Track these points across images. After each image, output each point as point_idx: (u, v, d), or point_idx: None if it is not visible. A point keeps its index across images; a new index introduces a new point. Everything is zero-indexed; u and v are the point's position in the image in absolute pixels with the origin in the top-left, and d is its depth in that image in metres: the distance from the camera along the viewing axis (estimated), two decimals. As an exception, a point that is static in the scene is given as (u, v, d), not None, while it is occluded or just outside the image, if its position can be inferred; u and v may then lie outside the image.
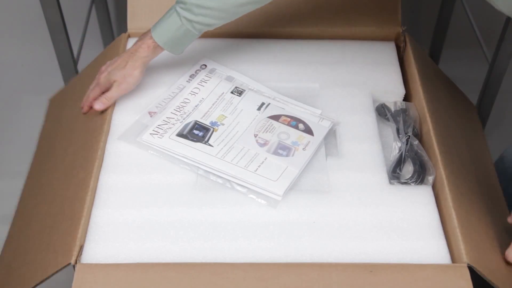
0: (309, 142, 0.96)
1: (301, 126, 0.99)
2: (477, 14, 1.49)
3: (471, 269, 0.80)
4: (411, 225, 0.87)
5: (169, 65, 1.10)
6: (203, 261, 0.82)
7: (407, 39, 1.14)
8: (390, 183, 0.93)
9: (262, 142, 0.96)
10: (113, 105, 1.02)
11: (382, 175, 0.93)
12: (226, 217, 0.87)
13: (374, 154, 0.96)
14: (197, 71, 1.09)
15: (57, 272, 0.79)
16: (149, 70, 1.09)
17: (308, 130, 0.98)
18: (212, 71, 1.10)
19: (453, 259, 0.84)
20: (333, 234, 0.86)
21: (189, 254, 0.83)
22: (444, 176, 0.90)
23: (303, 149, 0.95)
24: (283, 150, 0.94)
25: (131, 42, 1.14)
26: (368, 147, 0.97)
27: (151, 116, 1.00)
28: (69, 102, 1.11)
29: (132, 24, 1.15)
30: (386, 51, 1.16)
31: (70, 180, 0.90)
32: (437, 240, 0.86)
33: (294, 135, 0.97)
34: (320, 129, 0.99)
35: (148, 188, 0.91)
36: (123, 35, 1.14)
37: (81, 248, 0.83)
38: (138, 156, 0.95)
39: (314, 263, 0.82)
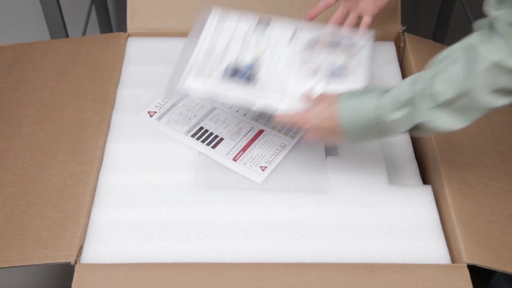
0: (357, 52, 0.93)
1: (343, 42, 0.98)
2: (477, 14, 1.49)
3: (471, 269, 0.80)
4: (411, 225, 0.87)
5: (169, 65, 1.10)
6: (203, 261, 0.82)
7: (407, 39, 1.14)
8: (390, 183, 0.93)
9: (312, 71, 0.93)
10: (113, 105, 1.02)
11: (382, 175, 0.93)
12: (226, 217, 0.87)
13: (374, 154, 0.96)
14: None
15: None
16: (149, 70, 1.09)
17: (351, 45, 0.97)
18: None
19: (453, 259, 0.84)
20: (333, 234, 0.86)
21: (189, 254, 0.83)
22: (444, 176, 0.90)
23: (357, 62, 0.92)
24: (339, 70, 0.92)
25: (130, 42, 1.14)
26: (368, 147, 0.97)
27: (151, 116, 1.01)
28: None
29: (132, 24, 1.15)
30: (386, 51, 1.16)
31: (69, 180, 0.90)
32: (437, 240, 0.86)
33: (340, 53, 0.96)
34: (362, 38, 0.99)
35: (148, 188, 0.91)
36: (123, 35, 1.14)
37: (80, 248, 0.83)
38: (138, 156, 0.95)
39: (314, 263, 0.82)
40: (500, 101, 0.74)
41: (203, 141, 0.97)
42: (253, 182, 0.92)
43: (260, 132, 0.99)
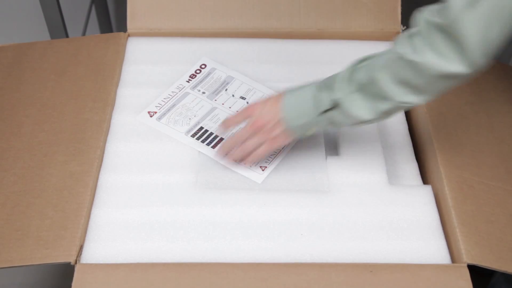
0: None
1: None
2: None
3: (471, 270, 0.80)
4: (411, 225, 0.87)
5: (169, 65, 1.10)
6: (203, 261, 0.82)
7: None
8: (390, 183, 0.93)
9: None
10: (113, 104, 1.02)
11: (382, 175, 0.93)
12: (226, 217, 0.87)
13: (374, 154, 0.96)
14: (197, 71, 1.09)
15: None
16: (149, 70, 1.09)
17: None
18: (212, 70, 1.09)
19: (453, 259, 0.84)
20: (333, 234, 0.86)
21: (189, 254, 0.83)
22: (444, 176, 0.90)
23: None
24: None
25: (131, 42, 1.14)
26: (368, 147, 0.97)
27: (150, 116, 1.00)
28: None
29: (132, 24, 1.15)
30: (386, 51, 1.16)
31: (69, 180, 0.90)
32: (437, 240, 0.86)
33: None
34: None
35: (148, 188, 0.91)
36: (123, 35, 1.14)
37: (80, 248, 0.83)
38: (138, 156, 0.95)
39: (314, 263, 0.82)
40: (407, 97, 0.77)
41: (203, 141, 0.97)
42: (253, 182, 0.92)
43: None
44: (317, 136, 0.99)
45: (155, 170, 0.93)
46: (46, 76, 1.07)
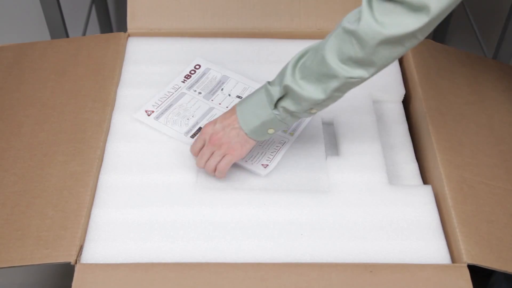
0: None
1: None
2: (477, 14, 1.49)
3: (471, 270, 0.80)
4: (411, 225, 0.87)
5: (169, 65, 1.10)
6: (203, 261, 0.82)
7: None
8: (390, 183, 0.93)
9: None
10: (113, 104, 1.02)
11: (382, 175, 0.93)
12: (226, 217, 0.87)
13: (374, 154, 0.96)
14: (191, 72, 1.09)
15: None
16: (149, 70, 1.09)
17: None
18: (206, 70, 1.09)
19: (453, 259, 0.84)
20: (333, 234, 0.86)
21: (189, 254, 0.83)
22: (444, 176, 0.90)
23: None
24: None
25: (131, 42, 1.14)
26: (368, 147, 0.97)
27: (148, 115, 1.01)
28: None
29: (132, 24, 1.15)
30: (386, 51, 1.16)
31: (69, 180, 0.90)
32: (437, 240, 0.86)
33: None
34: None
35: (148, 188, 0.91)
36: (123, 35, 1.14)
37: (81, 248, 0.83)
38: (138, 156, 0.95)
39: (314, 263, 0.82)
40: (354, 71, 0.77)
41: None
42: (255, 181, 0.92)
43: None
44: (317, 136, 0.99)
45: (155, 170, 0.93)
46: (46, 76, 1.07)
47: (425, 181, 0.97)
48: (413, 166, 0.98)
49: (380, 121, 1.04)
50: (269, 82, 0.87)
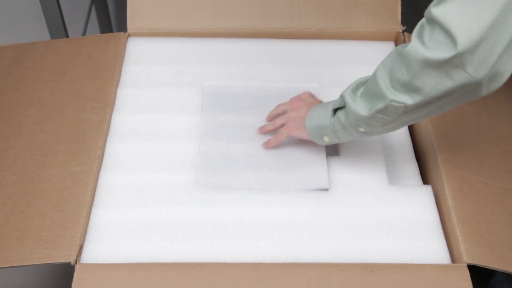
0: None
1: None
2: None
3: (473, 269, 0.80)
4: (411, 225, 0.87)
5: (169, 65, 1.10)
6: (203, 261, 0.82)
7: (407, 39, 1.14)
8: (390, 183, 0.93)
9: None
10: (113, 104, 1.02)
11: (382, 175, 0.93)
12: (226, 217, 0.87)
13: (374, 154, 0.96)
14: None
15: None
16: (149, 70, 1.09)
17: None
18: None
19: (453, 259, 0.84)
20: (333, 234, 0.86)
21: (189, 254, 0.83)
22: (444, 176, 0.90)
23: None
24: None
25: (130, 42, 1.14)
26: (368, 147, 0.97)
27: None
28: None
29: (132, 24, 1.15)
30: (386, 51, 1.16)
31: (69, 180, 0.90)
32: (437, 240, 0.86)
33: None
34: None
35: (148, 188, 0.91)
36: (123, 35, 1.14)
37: (80, 248, 0.83)
38: (138, 156, 0.95)
39: (314, 263, 0.82)
40: (399, 95, 0.75)
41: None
42: (255, 181, 0.92)
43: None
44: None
45: (155, 170, 0.93)
46: (46, 76, 1.07)
47: (425, 181, 0.97)
48: (413, 166, 0.98)
49: (380, 121, 1.04)
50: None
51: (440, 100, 0.74)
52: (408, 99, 0.75)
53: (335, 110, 0.87)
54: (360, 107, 0.81)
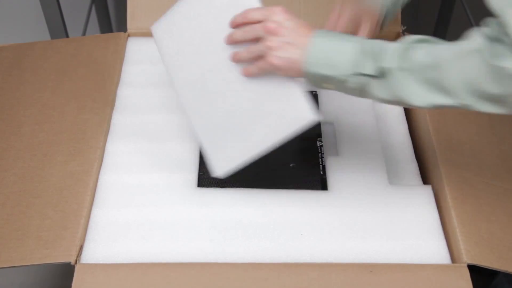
0: None
1: None
2: (477, 14, 1.49)
3: (473, 269, 0.80)
4: (411, 225, 0.87)
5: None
6: (203, 261, 0.82)
7: (407, 39, 1.14)
8: (390, 183, 0.93)
9: None
10: (113, 105, 1.02)
11: (382, 175, 0.93)
12: (226, 217, 0.87)
13: (374, 154, 0.96)
14: None
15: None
16: (149, 70, 1.09)
17: None
18: None
19: (453, 259, 0.84)
20: (333, 234, 0.86)
21: (189, 254, 0.83)
22: (444, 176, 0.90)
23: None
24: None
25: (130, 42, 1.14)
26: (368, 147, 0.97)
27: None
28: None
29: (132, 24, 1.15)
30: (386, 51, 1.16)
31: (69, 180, 0.90)
32: (437, 240, 0.86)
33: None
34: None
35: (148, 188, 0.91)
36: (123, 35, 1.14)
37: (80, 248, 0.83)
38: (138, 156, 0.95)
39: (314, 263, 0.82)
40: (482, 105, 0.67)
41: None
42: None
43: None
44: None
45: (155, 170, 0.93)
46: (46, 76, 1.07)
47: (425, 181, 0.97)
48: (413, 166, 0.98)
49: (380, 121, 1.04)
50: (362, 47, 0.72)
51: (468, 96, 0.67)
52: (490, 108, 0.67)
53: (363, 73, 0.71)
54: (413, 96, 0.69)
